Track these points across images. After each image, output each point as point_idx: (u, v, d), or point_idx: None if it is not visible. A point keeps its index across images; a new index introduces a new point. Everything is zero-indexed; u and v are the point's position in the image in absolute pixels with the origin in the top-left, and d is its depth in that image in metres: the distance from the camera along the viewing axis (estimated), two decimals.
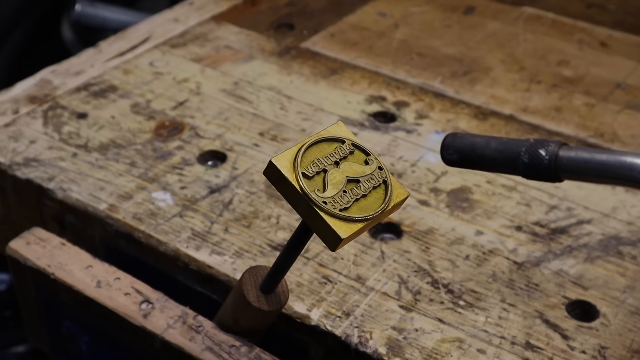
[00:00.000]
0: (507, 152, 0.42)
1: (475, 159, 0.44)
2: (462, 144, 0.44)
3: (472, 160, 0.44)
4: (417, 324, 0.63)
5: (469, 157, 0.44)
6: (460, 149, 0.44)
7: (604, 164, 0.39)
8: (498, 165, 0.43)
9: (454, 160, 0.45)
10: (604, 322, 0.63)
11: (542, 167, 0.41)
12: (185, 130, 0.84)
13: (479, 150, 0.44)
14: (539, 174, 0.41)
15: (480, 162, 0.44)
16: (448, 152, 0.45)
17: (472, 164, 0.44)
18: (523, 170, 0.42)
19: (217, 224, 0.72)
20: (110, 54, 0.98)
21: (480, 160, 0.43)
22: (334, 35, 1.04)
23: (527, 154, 0.42)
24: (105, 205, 0.73)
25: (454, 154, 0.45)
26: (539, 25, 1.07)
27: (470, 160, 0.44)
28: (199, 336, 0.61)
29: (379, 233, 0.72)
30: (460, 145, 0.44)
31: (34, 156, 0.79)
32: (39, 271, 0.68)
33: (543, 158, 0.41)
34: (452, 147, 0.45)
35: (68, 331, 0.75)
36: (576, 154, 0.40)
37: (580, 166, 0.40)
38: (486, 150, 0.43)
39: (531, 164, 0.41)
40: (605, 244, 0.71)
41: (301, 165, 0.49)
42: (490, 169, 0.44)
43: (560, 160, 0.41)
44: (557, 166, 0.41)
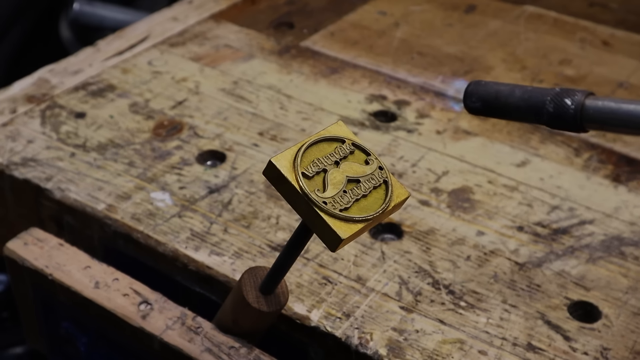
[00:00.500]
0: (532, 100, 0.42)
1: (499, 107, 0.43)
2: (485, 92, 0.44)
3: (496, 108, 0.43)
4: (418, 325, 0.63)
5: (492, 105, 0.43)
6: (483, 97, 0.44)
7: (630, 114, 0.39)
8: (522, 113, 0.43)
9: (478, 108, 0.44)
10: (606, 324, 0.63)
11: (568, 116, 0.41)
12: (184, 129, 0.84)
13: (502, 98, 0.43)
14: (565, 124, 0.41)
15: (504, 110, 0.43)
16: (471, 99, 0.44)
17: (496, 112, 0.44)
18: (547, 119, 0.42)
19: (216, 225, 0.72)
20: (108, 53, 0.98)
21: (504, 108, 0.43)
22: (334, 34, 1.04)
23: (553, 103, 0.41)
24: (103, 206, 0.73)
25: (477, 102, 0.44)
26: (541, 24, 1.07)
27: (493, 108, 0.43)
28: (198, 337, 0.61)
29: (379, 233, 0.72)
30: (484, 93, 0.44)
31: (31, 156, 0.79)
32: (36, 272, 0.68)
33: (569, 107, 0.41)
34: (476, 95, 0.44)
35: (66, 332, 0.75)
36: (603, 103, 0.40)
37: (606, 116, 0.40)
38: (510, 99, 0.43)
39: (556, 113, 0.41)
40: (607, 245, 0.71)
41: (301, 165, 0.49)
42: (514, 117, 0.43)
43: (586, 109, 0.40)
44: (582, 116, 0.41)
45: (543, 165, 0.81)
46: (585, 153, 0.83)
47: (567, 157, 0.82)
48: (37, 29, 1.73)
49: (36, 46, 1.78)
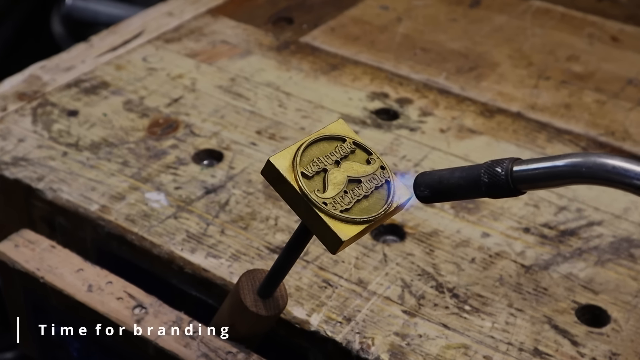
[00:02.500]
0: (470, 177, 0.48)
1: (445, 190, 0.49)
2: (430, 179, 0.50)
3: (442, 191, 0.49)
4: (421, 330, 0.63)
5: (438, 189, 0.49)
6: (429, 184, 0.50)
7: (549, 172, 0.46)
8: (465, 190, 0.48)
9: (428, 195, 0.50)
10: (615, 328, 0.63)
11: (501, 183, 0.47)
12: (180, 128, 0.84)
13: (445, 181, 0.49)
14: (501, 190, 0.47)
15: (449, 192, 0.49)
16: (420, 189, 0.50)
17: (444, 195, 0.50)
18: (486, 190, 0.47)
19: (213, 226, 0.72)
20: (102, 49, 0.98)
21: (448, 190, 0.49)
22: (334, 29, 1.04)
23: (486, 174, 0.47)
24: (96, 206, 0.73)
25: (426, 190, 0.50)
26: (548, 19, 1.07)
27: (440, 192, 0.49)
28: (194, 342, 0.61)
29: (381, 235, 0.72)
30: (429, 180, 0.50)
31: (22, 155, 0.79)
32: (27, 275, 0.68)
33: (500, 175, 0.47)
34: (423, 184, 0.50)
35: (58, 337, 0.75)
36: (527, 165, 0.46)
37: (532, 175, 0.46)
38: (452, 180, 0.49)
39: (491, 182, 0.47)
40: (616, 247, 0.71)
41: (300, 165, 0.49)
42: (460, 196, 0.49)
43: (514, 174, 0.46)
44: (513, 180, 0.46)
45: None
46: None
47: None
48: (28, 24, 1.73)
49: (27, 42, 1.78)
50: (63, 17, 1.74)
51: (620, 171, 0.44)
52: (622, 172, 0.44)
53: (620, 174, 0.44)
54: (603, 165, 0.44)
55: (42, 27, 1.77)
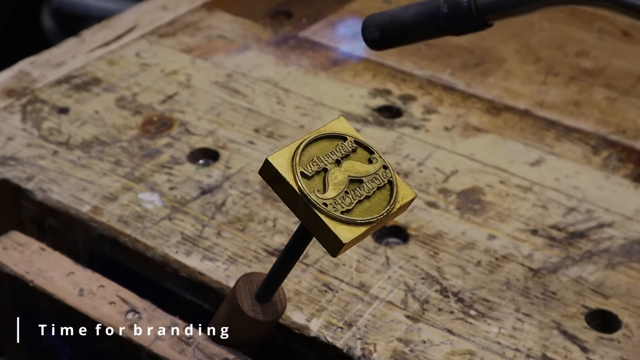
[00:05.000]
0: (427, 10, 0.43)
1: (397, 29, 0.44)
2: (381, 19, 0.45)
3: (395, 31, 0.44)
4: (425, 335, 0.63)
5: (390, 29, 0.44)
6: (380, 24, 0.45)
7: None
8: (420, 26, 0.43)
9: (377, 38, 0.45)
10: (626, 334, 0.63)
11: (463, 10, 0.42)
12: (175, 126, 0.84)
13: (398, 17, 0.44)
14: (463, 21, 0.42)
15: (402, 30, 0.44)
16: (369, 31, 0.45)
17: (396, 36, 0.44)
18: (445, 23, 0.42)
19: (209, 228, 0.72)
20: (93, 44, 0.98)
21: (402, 27, 0.44)
22: (335, 23, 1.04)
23: (446, 4, 0.42)
24: (88, 207, 0.73)
25: (375, 31, 0.45)
26: (557, 13, 1.07)
27: (392, 32, 0.44)
28: (190, 348, 0.61)
29: (383, 237, 0.72)
30: (380, 20, 0.45)
31: (11, 154, 0.79)
32: (16, 278, 0.68)
33: (462, 2, 0.42)
34: (372, 25, 0.45)
35: (48, 343, 0.75)
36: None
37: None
38: (405, 15, 0.44)
39: (452, 13, 0.42)
40: (627, 249, 0.71)
41: (300, 164, 0.49)
42: (415, 35, 0.44)
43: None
44: (477, 6, 0.42)
45: (559, 164, 0.81)
46: (603, 151, 0.83)
47: (585, 155, 0.82)
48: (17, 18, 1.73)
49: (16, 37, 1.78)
50: (53, 11, 1.74)
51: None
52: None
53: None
54: None
55: (32, 22, 1.76)
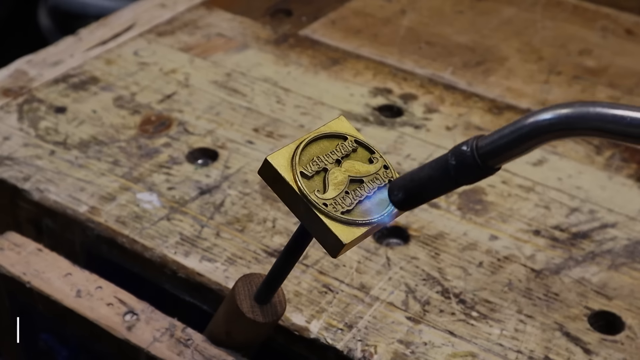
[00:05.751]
0: (438, 164, 0.47)
1: (417, 187, 0.48)
2: (402, 180, 0.49)
3: (415, 190, 0.49)
4: (426, 337, 0.63)
5: (411, 187, 0.49)
6: (402, 185, 0.49)
7: (513, 130, 0.45)
8: (436, 180, 0.48)
9: (402, 198, 0.49)
10: (629, 335, 0.63)
11: (468, 160, 0.46)
12: (173, 125, 0.84)
13: (416, 176, 0.48)
14: (470, 169, 0.46)
15: (422, 187, 0.48)
16: (394, 194, 0.49)
17: (417, 193, 0.49)
18: (455, 173, 0.47)
19: (207, 228, 0.72)
20: (91, 42, 0.98)
21: (420, 185, 0.48)
22: (335, 22, 1.04)
23: (453, 156, 0.46)
24: (85, 208, 0.73)
25: (399, 192, 0.49)
26: (559, 11, 1.07)
27: (414, 191, 0.49)
28: (188, 350, 0.61)
29: (384, 238, 0.72)
30: (401, 182, 0.49)
31: (8, 154, 0.79)
32: (13, 279, 0.68)
33: (466, 152, 0.46)
34: (396, 187, 0.49)
35: (45, 345, 0.75)
36: (491, 135, 0.46)
37: (498, 144, 0.45)
38: (422, 173, 0.48)
39: (459, 163, 0.46)
40: (631, 250, 0.71)
41: (299, 164, 0.49)
42: (433, 189, 0.48)
43: (480, 147, 0.46)
44: (479, 154, 0.46)
45: (561, 164, 0.81)
46: (606, 151, 0.83)
47: (588, 155, 0.82)
48: (14, 16, 1.73)
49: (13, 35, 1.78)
50: (50, 9, 1.74)
51: (582, 115, 0.43)
52: (583, 116, 0.43)
53: (582, 118, 0.43)
54: (579, 114, 0.43)
55: (29, 20, 1.76)
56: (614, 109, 0.42)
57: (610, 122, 0.42)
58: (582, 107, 0.43)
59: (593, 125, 0.43)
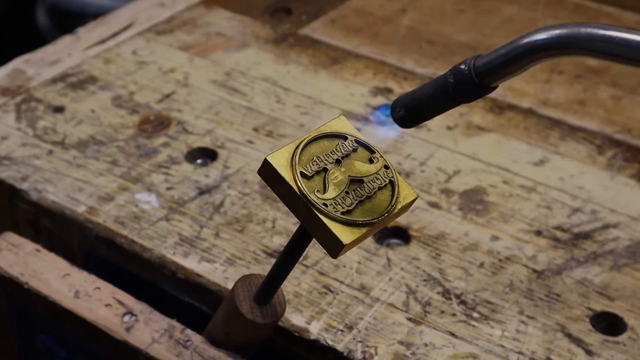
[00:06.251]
0: (438, 83, 0.50)
1: (418, 104, 0.51)
2: (404, 98, 0.52)
3: (416, 107, 0.51)
4: (427, 338, 0.63)
5: (412, 105, 0.51)
6: (404, 103, 0.51)
7: (509, 50, 0.48)
8: (436, 98, 0.50)
9: (403, 115, 0.52)
10: (632, 337, 0.63)
11: (466, 78, 0.48)
12: (172, 125, 0.84)
13: (417, 94, 0.51)
14: (467, 87, 0.48)
15: (422, 105, 0.51)
16: (396, 110, 0.52)
17: (418, 111, 0.51)
18: (453, 91, 0.49)
19: (207, 229, 0.72)
20: (89, 41, 0.98)
21: (421, 103, 0.51)
22: (335, 20, 1.04)
23: (452, 75, 0.49)
24: (84, 208, 0.73)
25: (401, 110, 0.52)
26: (561, 9, 1.07)
27: (414, 108, 0.51)
28: (187, 352, 0.61)
29: (384, 238, 0.72)
30: (403, 99, 0.52)
31: (5, 154, 0.79)
32: (11, 280, 0.68)
33: (463, 70, 0.48)
34: (398, 105, 0.52)
35: (43, 346, 0.75)
36: (488, 55, 0.48)
37: (493, 62, 0.48)
38: (423, 91, 0.51)
39: (457, 81, 0.49)
40: (633, 250, 0.71)
41: (299, 164, 0.49)
42: (434, 107, 0.51)
43: (477, 65, 0.48)
44: (477, 72, 0.48)
45: (563, 164, 0.81)
46: (609, 151, 0.83)
47: (590, 155, 0.82)
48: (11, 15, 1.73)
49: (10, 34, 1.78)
50: (48, 7, 1.74)
51: (583, 36, 0.45)
52: (584, 37, 0.45)
53: (581, 38, 0.45)
54: (570, 33, 0.45)
55: (27, 19, 1.76)
56: (604, 30, 0.45)
57: (600, 41, 0.44)
58: (574, 27, 0.45)
59: (584, 45, 0.45)
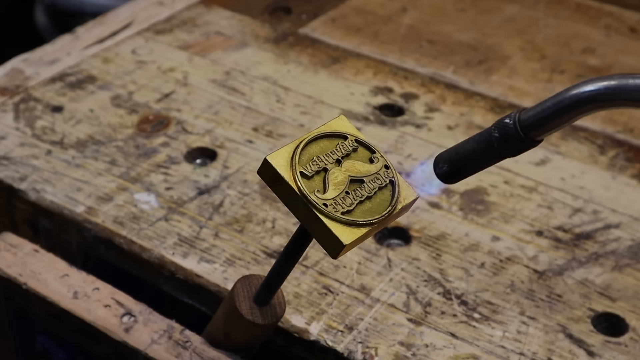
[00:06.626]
0: (482, 137, 0.50)
1: (462, 159, 0.51)
2: (447, 154, 0.52)
3: (460, 162, 0.51)
4: (428, 339, 0.63)
5: (456, 160, 0.51)
6: (447, 158, 0.52)
7: (555, 103, 0.47)
8: (481, 153, 0.50)
9: (446, 171, 0.52)
10: (633, 337, 0.63)
11: (511, 132, 0.48)
12: (171, 125, 0.84)
13: (461, 149, 0.51)
14: (512, 142, 0.49)
15: (466, 159, 0.51)
16: (439, 166, 0.52)
17: (463, 166, 0.51)
18: (499, 145, 0.49)
19: (206, 229, 0.72)
20: (88, 40, 0.98)
21: (465, 157, 0.51)
22: (335, 20, 1.04)
23: (497, 129, 0.49)
24: (82, 208, 0.73)
25: (444, 165, 0.52)
26: (562, 9, 1.07)
27: (458, 163, 0.51)
28: (187, 352, 0.61)
29: (385, 239, 0.72)
30: (446, 155, 0.52)
31: (4, 154, 0.79)
32: (9, 280, 0.68)
33: (509, 125, 0.49)
34: (441, 160, 0.52)
35: (42, 347, 0.75)
36: (533, 108, 0.48)
37: (539, 115, 0.48)
38: (467, 146, 0.51)
39: (502, 136, 0.49)
40: (635, 251, 0.71)
41: (299, 164, 0.49)
42: (477, 162, 0.51)
43: (522, 120, 0.48)
44: (522, 126, 0.48)
45: (564, 164, 0.81)
46: (610, 151, 0.83)
47: (591, 155, 0.82)
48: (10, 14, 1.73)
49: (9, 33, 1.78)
50: (47, 7, 1.74)
51: (625, 86, 0.45)
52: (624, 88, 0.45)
53: (623, 89, 0.45)
54: (618, 85, 0.45)
55: (25, 18, 1.76)
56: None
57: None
58: (621, 79, 0.45)
59: (632, 96, 0.45)
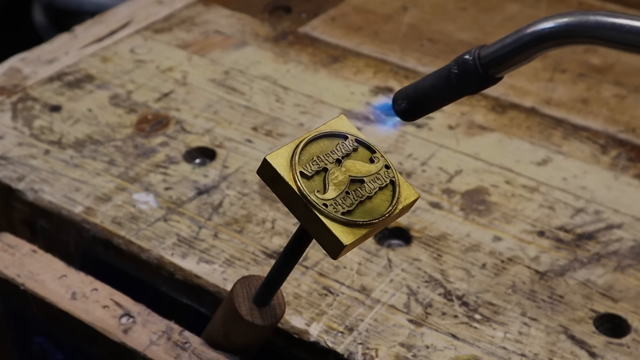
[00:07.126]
0: (442, 73, 0.49)
1: (421, 96, 0.50)
2: (405, 90, 0.51)
3: (419, 99, 0.50)
4: (428, 340, 0.63)
5: (415, 97, 0.50)
6: (406, 95, 0.51)
7: (515, 39, 0.46)
8: (439, 89, 0.49)
9: (405, 108, 0.51)
10: (636, 338, 0.63)
11: (470, 68, 0.47)
12: (170, 124, 0.84)
13: (420, 87, 0.50)
14: (471, 79, 0.47)
15: (425, 96, 0.50)
16: (398, 103, 0.51)
17: (421, 103, 0.50)
18: (457, 81, 0.48)
19: (205, 229, 0.72)
20: (86, 39, 0.98)
21: (424, 94, 0.50)
22: (335, 19, 1.04)
23: (456, 65, 0.48)
24: (81, 208, 0.73)
25: (403, 102, 0.51)
26: (564, 7, 1.07)
27: (417, 100, 0.50)
28: (186, 354, 0.61)
29: (385, 239, 0.72)
30: (405, 92, 0.51)
31: (1, 153, 0.79)
32: (7, 281, 0.68)
33: (468, 61, 0.47)
34: (400, 97, 0.51)
35: (40, 348, 0.75)
36: (493, 44, 0.47)
37: (499, 51, 0.46)
38: (426, 82, 0.50)
39: (461, 72, 0.47)
40: (637, 251, 0.71)
41: (299, 164, 0.49)
42: (437, 98, 0.50)
43: (482, 55, 0.47)
44: (482, 63, 0.47)
45: (566, 164, 0.81)
46: (612, 150, 0.83)
47: (593, 154, 0.82)
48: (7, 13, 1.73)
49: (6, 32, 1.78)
50: (45, 5, 1.74)
51: (589, 24, 0.44)
52: (589, 25, 0.44)
53: (586, 26, 0.44)
54: (578, 22, 0.44)
55: (23, 17, 1.76)
56: (613, 18, 0.43)
57: (609, 29, 0.43)
58: (582, 15, 0.44)
59: (592, 34, 0.43)
